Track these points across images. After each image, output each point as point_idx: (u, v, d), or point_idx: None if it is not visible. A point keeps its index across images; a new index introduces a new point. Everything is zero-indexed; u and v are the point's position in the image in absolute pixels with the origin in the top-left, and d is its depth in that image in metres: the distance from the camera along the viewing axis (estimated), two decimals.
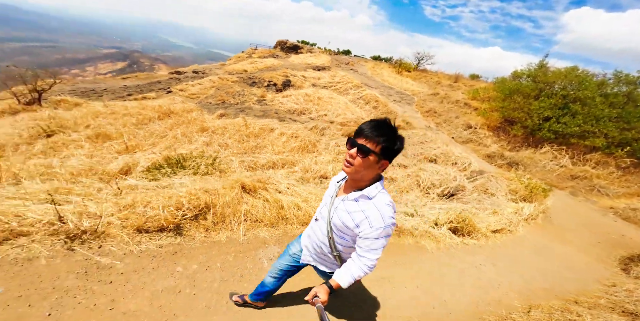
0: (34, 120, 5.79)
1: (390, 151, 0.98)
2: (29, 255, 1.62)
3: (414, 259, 2.39)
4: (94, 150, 4.40)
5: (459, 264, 2.46)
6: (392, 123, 1.01)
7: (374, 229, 1.03)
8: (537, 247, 3.25)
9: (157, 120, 6.67)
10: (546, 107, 7.91)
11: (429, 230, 2.74)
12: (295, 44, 40.74)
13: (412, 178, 5.43)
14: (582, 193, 6.01)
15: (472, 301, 2.03)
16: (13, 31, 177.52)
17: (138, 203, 1.99)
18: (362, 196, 1.06)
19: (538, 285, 2.54)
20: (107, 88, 9.80)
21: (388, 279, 2.10)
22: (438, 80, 14.56)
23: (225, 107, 9.13)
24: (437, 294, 2.04)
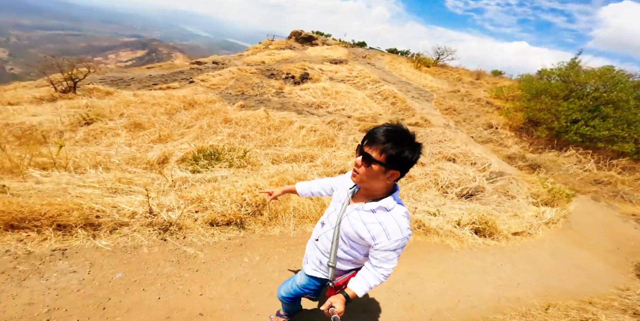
0: (72, 108, 6.18)
1: (397, 160, 0.89)
2: (134, 244, 1.87)
3: (440, 257, 2.51)
4: (131, 139, 4.69)
5: (481, 263, 2.56)
6: (405, 128, 0.93)
7: (392, 242, 1.00)
8: (556, 251, 3.28)
9: (183, 110, 6.94)
10: (575, 109, 7.60)
11: (453, 230, 2.84)
12: (309, 35, 40.10)
13: (430, 177, 5.47)
14: (604, 199, 5.86)
15: (494, 298, 2.15)
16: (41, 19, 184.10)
17: (204, 198, 2.19)
18: (380, 207, 1.01)
19: (555, 286, 2.60)
20: (134, 77, 10.18)
21: (417, 274, 2.26)
22: (459, 76, 14.12)
23: (245, 98, 9.32)
24: (462, 290, 2.17)
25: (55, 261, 1.64)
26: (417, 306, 1.93)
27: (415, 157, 0.92)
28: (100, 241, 1.80)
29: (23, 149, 2.40)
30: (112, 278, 1.64)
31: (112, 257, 1.75)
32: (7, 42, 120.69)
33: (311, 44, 38.53)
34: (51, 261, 1.63)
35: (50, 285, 1.52)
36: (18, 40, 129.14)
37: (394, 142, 0.88)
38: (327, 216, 1.20)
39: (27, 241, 1.67)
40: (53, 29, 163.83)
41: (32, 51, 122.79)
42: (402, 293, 2.04)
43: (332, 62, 13.40)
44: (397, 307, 1.92)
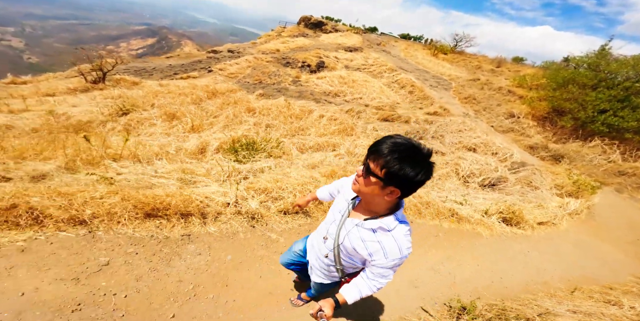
0: (106, 98, 6.50)
1: (397, 177, 0.80)
2: (232, 230, 2.15)
3: (472, 243, 2.71)
4: (167, 128, 4.97)
5: (510, 250, 2.75)
6: (416, 143, 0.83)
7: (389, 261, 0.97)
8: (578, 241, 3.40)
9: (207, 99, 7.16)
10: (604, 99, 7.33)
11: (482, 219, 2.99)
12: (319, 21, 38.86)
13: (451, 166, 5.55)
14: (628, 190, 5.80)
15: (523, 281, 2.34)
16: (51, 8, 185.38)
17: (272, 189, 2.43)
18: (380, 227, 0.97)
19: (577, 274, 2.75)
20: (155, 67, 10.42)
21: (454, 258, 2.49)
22: (478, 64, 13.64)
23: (263, 87, 9.43)
24: (494, 272, 2.39)
25: (185, 245, 1.94)
26: (457, 284, 2.17)
27: (421, 177, 0.81)
28: (210, 228, 2.11)
29: (88, 140, 2.66)
30: (225, 260, 1.94)
31: (221, 241, 2.04)
32: (23, 32, 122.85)
33: (321, 30, 37.46)
34: (183, 245, 1.93)
35: (188, 265, 1.82)
36: (33, 30, 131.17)
37: (397, 157, 0.78)
38: (327, 227, 1.17)
39: (162, 228, 1.99)
40: (65, 18, 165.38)
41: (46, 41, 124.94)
42: (443, 272, 2.29)
43: (347, 49, 13.19)
44: (440, 284, 2.17)
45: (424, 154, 0.82)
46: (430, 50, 15.71)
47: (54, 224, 1.69)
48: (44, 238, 1.67)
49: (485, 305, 1.81)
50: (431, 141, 6.77)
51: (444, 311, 1.80)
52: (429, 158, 0.84)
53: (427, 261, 2.39)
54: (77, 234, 1.75)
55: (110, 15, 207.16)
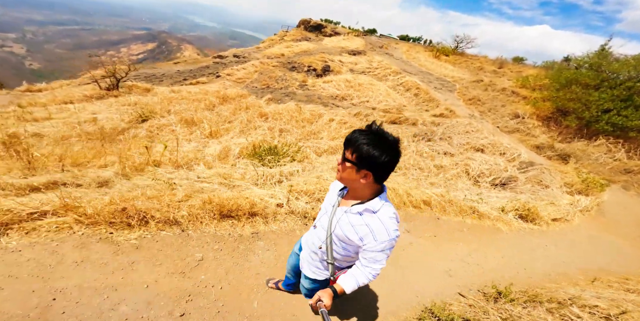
0: (123, 105, 6.69)
1: (366, 159, 0.91)
2: (289, 228, 2.37)
3: (494, 237, 2.89)
4: (188, 134, 5.14)
5: (529, 244, 2.92)
6: (381, 131, 0.94)
7: (378, 243, 1.02)
8: (590, 236, 3.54)
9: (220, 105, 7.35)
10: (607, 99, 7.49)
11: (499, 215, 3.15)
12: (318, 23, 39.12)
13: (461, 167, 5.70)
14: (634, 188, 5.94)
15: (545, 272, 2.51)
16: (52, 14, 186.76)
17: (313, 190, 2.60)
18: (366, 210, 1.04)
19: (593, 266, 2.89)
20: (164, 73, 10.64)
21: (480, 250, 2.67)
22: (480, 65, 13.84)
23: (271, 91, 9.61)
24: (518, 264, 2.58)
25: (256, 241, 2.15)
26: (486, 274, 2.35)
27: (386, 158, 0.91)
28: (272, 226, 2.33)
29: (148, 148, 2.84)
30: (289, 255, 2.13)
31: (283, 238, 2.25)
32: (24, 38, 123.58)
33: (321, 32, 37.67)
34: (254, 242, 2.14)
35: (261, 259, 2.03)
36: (34, 36, 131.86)
37: (364, 142, 0.90)
38: (319, 218, 1.24)
39: (235, 227, 2.21)
40: (65, 24, 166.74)
41: (48, 47, 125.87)
42: (472, 263, 2.48)
43: (351, 53, 13.40)
44: (471, 274, 2.39)
45: (388, 139, 0.93)
46: (432, 52, 15.92)
47: (155, 225, 1.93)
48: (150, 236, 1.91)
49: (517, 291, 1.97)
50: (439, 143, 6.92)
51: (480, 296, 1.96)
52: (394, 143, 0.94)
53: (457, 253, 2.58)
54: (174, 233, 2.00)
55: (110, 20, 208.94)
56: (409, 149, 6.31)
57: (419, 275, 2.24)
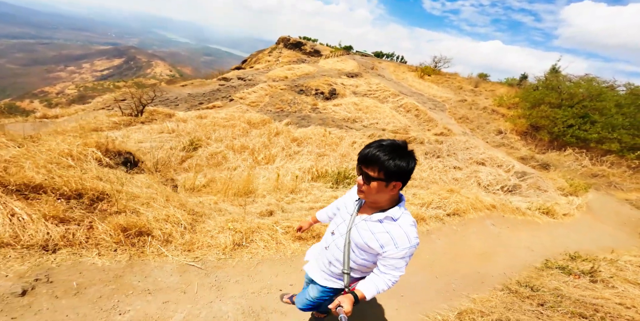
0: (160, 132, 6.98)
1: (395, 173, 0.95)
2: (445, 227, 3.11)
3: (537, 227, 4.04)
4: (239, 161, 5.66)
5: (558, 231, 4.06)
6: (393, 142, 0.98)
7: (399, 250, 1.03)
8: (590, 225, 4.72)
9: (251, 129, 7.90)
10: (569, 116, 9.29)
11: (532, 213, 4.17)
12: (298, 41, 41.01)
13: (472, 178, 6.80)
14: (602, 188, 7.45)
15: (578, 248, 3.54)
16: (5, 27, 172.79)
17: (433, 200, 3.39)
18: (387, 217, 1.06)
19: (602, 245, 3.96)
20: (177, 97, 10.93)
21: (537, 236, 3.70)
22: (459, 85, 15.85)
23: (286, 115, 10.34)
24: (560, 244, 3.67)
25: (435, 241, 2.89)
26: (551, 249, 3.34)
27: (412, 165, 0.97)
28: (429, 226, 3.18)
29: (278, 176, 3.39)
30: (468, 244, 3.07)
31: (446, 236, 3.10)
32: None
33: (301, 49, 39.40)
34: None
35: None
36: None
37: (388, 157, 0.93)
38: (336, 226, 1.24)
39: None
40: (20, 37, 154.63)
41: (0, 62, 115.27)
42: (537, 243, 3.56)
43: (348, 75, 14.68)
44: (542, 250, 3.38)
45: (403, 146, 0.97)
46: (416, 72, 17.86)
47: None
48: None
49: (581, 257, 3.01)
50: (447, 159, 8.06)
51: (559, 258, 2.92)
52: (407, 148, 0.99)
53: (524, 238, 3.60)
54: None
55: (72, 34, 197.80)
56: (425, 166, 7.34)
57: (515, 250, 3.20)
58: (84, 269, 1.64)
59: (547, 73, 12.61)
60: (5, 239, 1.63)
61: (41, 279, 1.55)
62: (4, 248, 1.61)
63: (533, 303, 2.10)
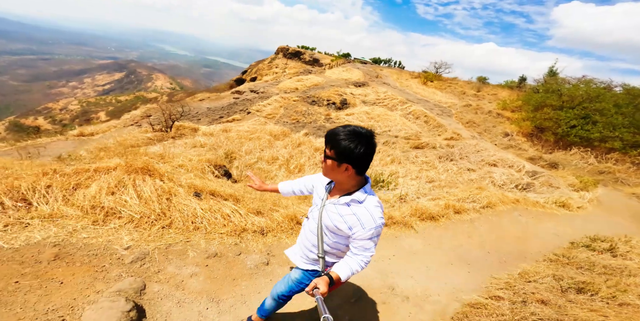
0: (194, 146, 7.51)
1: (343, 153, 1.00)
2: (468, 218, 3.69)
3: (558, 218, 4.51)
4: (274, 171, 6.16)
5: (577, 221, 4.52)
6: (353, 127, 1.03)
7: (366, 231, 1.09)
8: (602, 216, 5.18)
9: (274, 141, 8.43)
10: (571, 117, 9.84)
11: (551, 206, 4.65)
12: (297, 50, 41.92)
13: (487, 179, 7.28)
14: (610, 184, 7.91)
15: (591, 237, 3.95)
16: (5, 43, 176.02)
17: (468, 196, 3.89)
18: (352, 200, 1.12)
19: (616, 232, 4.39)
20: (197, 111, 11.52)
21: (560, 224, 4.18)
22: (462, 90, 16.49)
23: (302, 126, 10.90)
24: (581, 231, 4.10)
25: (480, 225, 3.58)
26: (563, 234, 3.90)
27: (360, 149, 0.99)
28: None
29: None
30: None
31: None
32: None
33: (300, 59, 40.28)
34: None
35: None
36: None
37: (339, 138, 1.00)
38: (310, 211, 1.32)
39: None
40: (21, 53, 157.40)
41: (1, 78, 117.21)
42: (560, 230, 4.06)
43: (356, 85, 15.33)
44: (566, 235, 3.85)
45: (362, 132, 1.01)
46: (419, 78, 18.55)
47: None
48: None
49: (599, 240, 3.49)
50: (460, 161, 8.55)
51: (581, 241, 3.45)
52: (368, 136, 1.02)
53: (550, 226, 4.11)
54: None
55: (72, 49, 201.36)
56: (441, 169, 7.83)
57: (544, 234, 3.73)
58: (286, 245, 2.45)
59: (545, 76, 13.26)
60: (242, 227, 2.45)
61: (271, 253, 2.33)
62: (245, 232, 2.45)
63: (572, 267, 2.67)
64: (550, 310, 1.81)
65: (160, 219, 2.19)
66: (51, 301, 1.49)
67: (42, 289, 1.57)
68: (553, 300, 1.97)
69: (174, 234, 2.17)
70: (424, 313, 2.09)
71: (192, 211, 2.30)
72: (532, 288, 2.22)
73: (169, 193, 2.33)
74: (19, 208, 1.88)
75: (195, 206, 2.33)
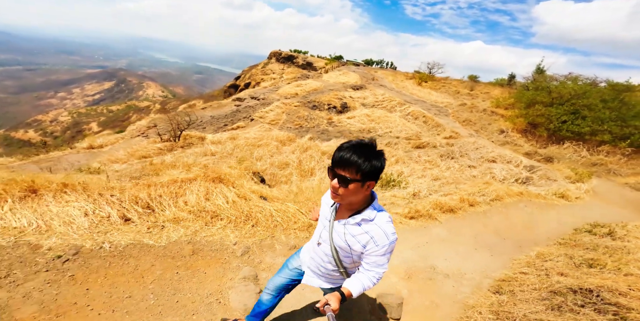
0: (205, 155, 7.71)
1: (371, 173, 0.98)
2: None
3: (559, 207, 4.89)
4: (288, 176, 6.41)
5: (574, 211, 4.88)
6: (364, 142, 1.02)
7: (380, 248, 1.10)
8: (599, 206, 5.57)
9: (282, 146, 8.69)
10: (562, 113, 10.36)
11: (552, 197, 5.03)
12: (289, 54, 42.18)
13: (488, 175, 7.66)
14: (603, 175, 8.38)
15: (592, 224, 4.30)
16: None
17: (477, 191, 4.17)
18: (363, 220, 1.11)
19: (613, 220, 4.76)
20: (201, 120, 11.70)
21: (561, 213, 4.58)
22: (456, 89, 17.03)
23: (306, 130, 11.17)
24: (582, 218, 4.45)
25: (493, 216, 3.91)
26: (566, 222, 4.26)
27: (384, 163, 1.02)
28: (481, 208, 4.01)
29: None
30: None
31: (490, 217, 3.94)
32: None
33: (293, 62, 40.49)
34: None
35: None
36: None
37: (363, 159, 0.96)
38: (319, 234, 1.29)
39: None
40: (5, 64, 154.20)
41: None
42: (563, 219, 4.43)
43: (354, 88, 15.72)
44: (569, 223, 4.21)
45: (373, 145, 1.01)
46: (413, 79, 19.06)
47: None
48: None
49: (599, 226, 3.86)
50: (461, 159, 8.93)
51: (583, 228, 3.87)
52: (376, 146, 1.03)
53: (554, 214, 4.53)
54: None
55: (58, 58, 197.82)
56: (443, 167, 8.19)
57: (549, 223, 4.16)
58: None
59: (534, 73, 13.85)
60: (308, 223, 2.79)
61: None
62: (311, 227, 2.79)
63: (580, 248, 3.05)
64: (570, 279, 2.17)
65: (249, 220, 2.61)
66: (205, 287, 1.91)
67: (195, 278, 1.98)
68: (570, 273, 2.35)
69: (262, 231, 2.60)
70: (463, 286, 2.51)
71: (268, 212, 2.70)
72: (550, 265, 2.60)
73: (244, 198, 2.70)
74: (148, 214, 2.17)
75: (269, 207, 2.71)
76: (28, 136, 68.49)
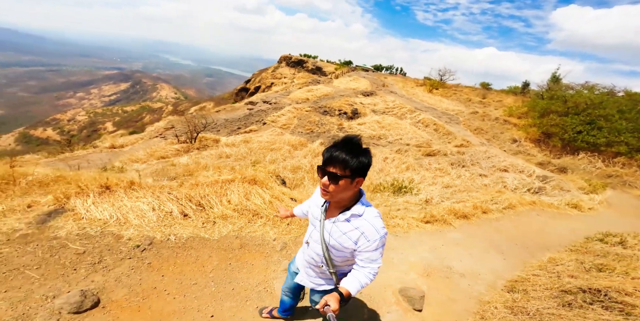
0: (220, 157, 7.98)
1: (359, 169, 1.02)
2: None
3: (572, 217, 4.90)
4: (299, 180, 6.58)
5: (586, 221, 4.87)
6: (351, 138, 1.03)
7: (371, 243, 1.11)
8: (614, 217, 5.51)
9: (294, 151, 8.89)
10: (577, 123, 10.23)
11: (565, 207, 5.03)
12: (299, 59, 42.68)
13: (499, 184, 7.63)
14: (618, 187, 8.22)
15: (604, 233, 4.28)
16: (15, 55, 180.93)
17: (489, 199, 4.27)
18: (352, 215, 1.13)
19: (626, 231, 4.72)
20: (215, 122, 12.06)
21: (577, 222, 4.62)
22: (468, 97, 16.98)
23: (316, 135, 11.36)
24: (595, 228, 4.42)
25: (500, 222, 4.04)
26: (578, 231, 4.26)
27: (370, 160, 1.05)
28: None
29: None
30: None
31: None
32: None
33: (303, 67, 40.85)
34: None
35: None
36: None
37: (351, 156, 1.00)
38: (309, 235, 1.32)
39: None
40: (30, 65, 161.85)
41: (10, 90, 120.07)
42: (576, 227, 4.46)
43: (364, 94, 15.89)
44: (581, 232, 4.24)
45: (359, 143, 1.04)
46: (424, 86, 19.11)
47: None
48: None
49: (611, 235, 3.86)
50: (472, 168, 8.92)
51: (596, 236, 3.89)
52: (362, 145, 1.06)
53: (565, 224, 4.53)
54: None
55: (79, 60, 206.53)
56: (454, 175, 8.20)
57: (561, 231, 4.20)
58: None
59: (549, 82, 13.71)
60: None
61: None
62: None
63: (590, 255, 3.13)
64: (580, 280, 2.29)
65: (284, 218, 2.88)
66: (254, 277, 2.17)
67: (245, 269, 2.24)
68: (580, 275, 2.47)
69: (296, 228, 2.82)
70: (478, 285, 2.66)
71: None
72: (561, 268, 2.71)
73: (277, 198, 2.90)
74: (200, 210, 2.41)
75: None
76: (46, 134, 71.35)
